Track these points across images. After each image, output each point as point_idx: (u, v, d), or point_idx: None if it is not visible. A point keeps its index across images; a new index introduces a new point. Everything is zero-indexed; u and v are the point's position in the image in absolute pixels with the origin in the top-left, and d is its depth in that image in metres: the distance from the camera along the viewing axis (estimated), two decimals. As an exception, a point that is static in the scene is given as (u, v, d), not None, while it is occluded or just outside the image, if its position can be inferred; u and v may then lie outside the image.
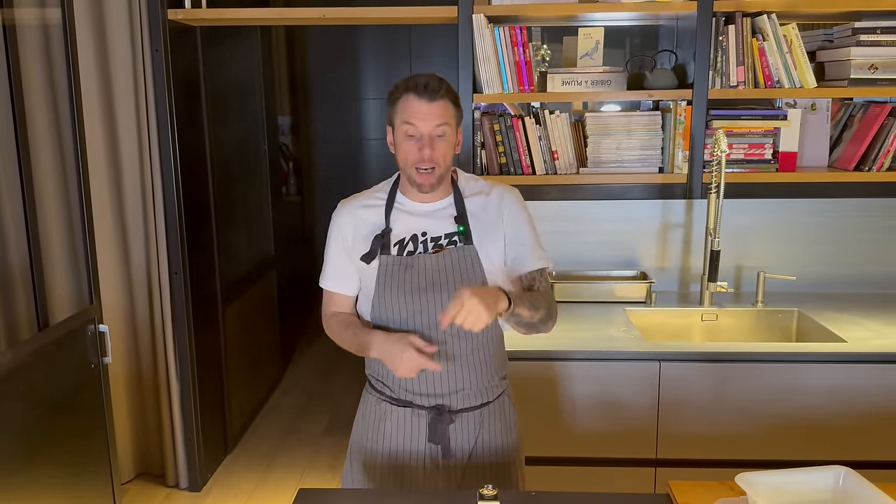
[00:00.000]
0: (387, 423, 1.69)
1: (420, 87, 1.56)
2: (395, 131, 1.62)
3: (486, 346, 1.68)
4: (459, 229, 1.65)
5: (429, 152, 1.56)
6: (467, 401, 1.66)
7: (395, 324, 1.64)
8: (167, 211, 2.94)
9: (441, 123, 1.57)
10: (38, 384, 2.02)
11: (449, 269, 1.62)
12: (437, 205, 1.68)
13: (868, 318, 2.40)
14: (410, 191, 1.67)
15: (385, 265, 1.63)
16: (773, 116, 2.61)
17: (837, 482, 1.31)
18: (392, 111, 1.62)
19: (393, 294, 1.62)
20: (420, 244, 1.64)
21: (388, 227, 1.65)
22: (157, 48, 2.80)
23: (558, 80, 2.61)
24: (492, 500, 1.22)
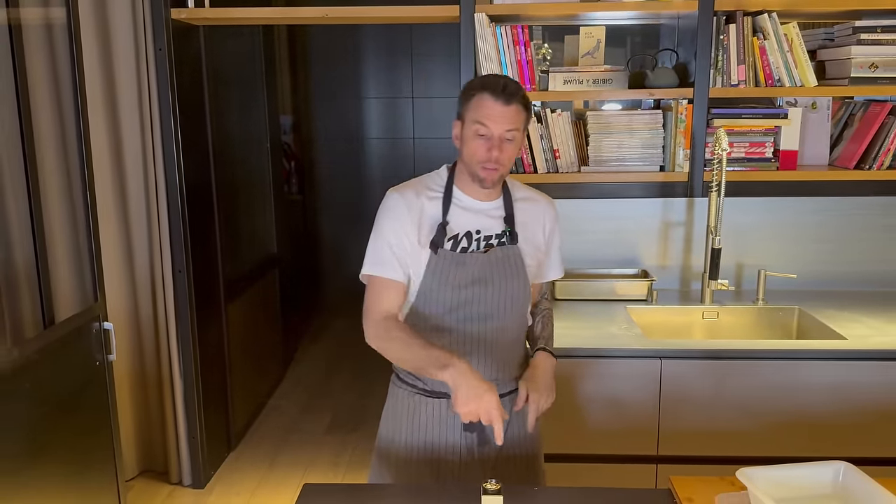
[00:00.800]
0: (421, 416, 1.71)
1: (497, 88, 1.58)
2: (464, 127, 1.64)
3: (518, 341, 1.77)
4: (507, 230, 1.70)
5: (497, 154, 1.59)
6: (500, 389, 1.67)
7: (435, 315, 1.67)
8: (170, 209, 2.95)
9: (512, 128, 1.59)
10: (44, 382, 2.03)
11: (495, 266, 1.66)
12: (491, 204, 1.71)
13: (868, 315, 2.41)
14: (468, 186, 1.69)
15: (438, 259, 1.65)
16: (774, 115, 2.62)
17: (837, 477, 1.32)
18: (464, 107, 1.63)
19: (440, 287, 1.65)
20: (474, 242, 1.68)
21: (446, 220, 1.67)
22: (161, 47, 2.81)
23: (560, 78, 2.62)
24: (495, 495, 1.23)
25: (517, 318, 1.74)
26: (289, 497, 3.11)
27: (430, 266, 1.65)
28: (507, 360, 1.73)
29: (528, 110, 1.65)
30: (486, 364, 1.69)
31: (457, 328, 1.68)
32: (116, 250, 3.00)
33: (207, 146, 3.24)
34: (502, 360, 1.71)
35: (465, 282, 1.65)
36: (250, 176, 3.92)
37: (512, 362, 1.75)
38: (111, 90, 2.89)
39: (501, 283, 1.67)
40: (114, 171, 2.96)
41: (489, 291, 1.67)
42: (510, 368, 1.74)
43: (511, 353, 1.74)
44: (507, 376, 1.73)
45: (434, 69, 5.82)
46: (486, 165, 1.61)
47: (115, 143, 2.94)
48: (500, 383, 1.70)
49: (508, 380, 1.73)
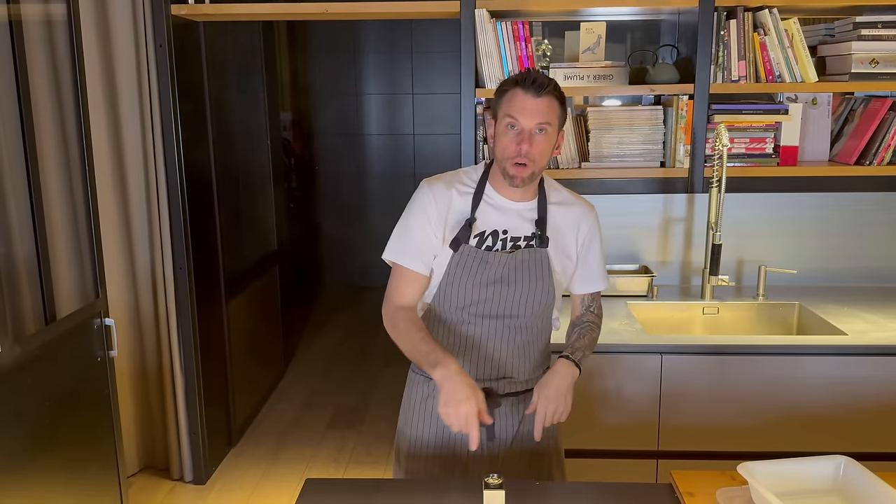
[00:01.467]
0: (434, 400, 1.69)
1: (528, 81, 1.56)
2: (496, 124, 1.62)
3: (536, 342, 1.73)
4: (537, 233, 1.66)
5: (526, 147, 1.55)
6: (513, 387, 1.71)
7: (455, 310, 1.67)
8: (171, 206, 2.95)
9: (543, 122, 1.55)
10: (45, 378, 2.03)
11: (519, 267, 1.64)
12: (524, 205, 1.68)
13: (868, 311, 2.42)
14: (500, 185, 1.66)
15: (461, 254, 1.64)
16: (775, 111, 2.62)
17: (838, 471, 1.33)
18: (497, 104, 1.62)
19: (461, 284, 1.64)
20: (500, 241, 1.65)
21: (473, 216, 1.65)
22: (161, 43, 2.81)
23: (560, 74, 2.62)
24: (497, 489, 1.24)
25: (537, 320, 1.71)
26: (290, 493, 3.12)
27: (452, 261, 1.64)
28: (520, 360, 1.71)
29: (563, 105, 1.61)
30: (501, 362, 1.69)
31: (472, 322, 1.67)
32: (117, 246, 3.01)
33: (208, 142, 3.24)
34: (515, 360, 1.70)
35: (487, 280, 1.64)
36: (251, 172, 3.92)
37: (526, 363, 1.72)
38: (111, 86, 2.89)
39: (523, 285, 1.65)
40: (114, 168, 2.96)
41: (510, 292, 1.65)
42: (524, 369, 1.72)
43: (525, 354, 1.72)
44: (520, 376, 1.72)
45: (434, 65, 5.82)
46: (517, 160, 1.57)
47: (116, 140, 2.94)
48: (511, 382, 1.70)
49: (522, 380, 1.73)
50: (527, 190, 1.66)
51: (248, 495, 3.11)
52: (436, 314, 1.71)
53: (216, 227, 3.34)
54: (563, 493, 1.42)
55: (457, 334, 1.69)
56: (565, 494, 1.41)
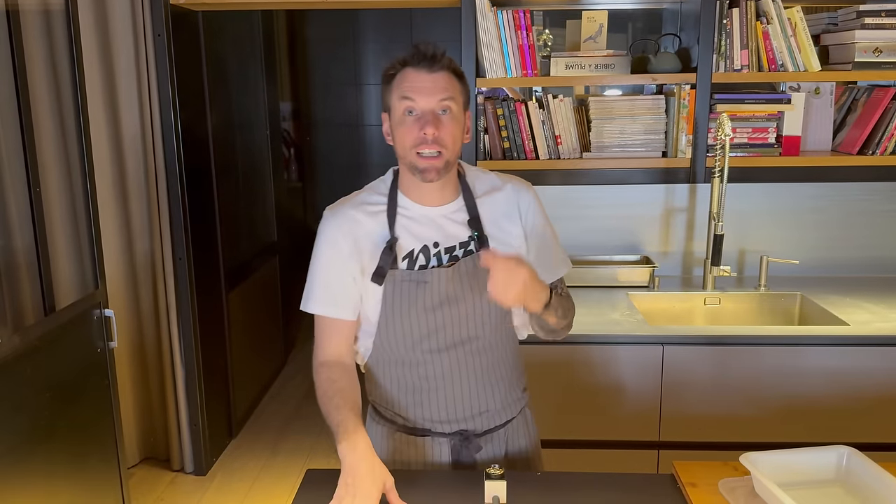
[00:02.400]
0: (403, 458, 1.52)
1: (417, 57, 1.36)
2: (391, 114, 1.41)
3: (505, 359, 1.52)
4: (474, 234, 1.44)
5: (432, 130, 1.33)
6: (492, 421, 1.51)
7: (405, 347, 1.44)
8: (170, 196, 2.94)
9: (445, 97, 1.35)
10: (45, 369, 2.03)
11: (464, 280, 1.41)
12: (447, 208, 1.45)
13: (870, 301, 2.41)
14: (414, 191, 1.44)
15: (393, 282, 1.40)
16: (777, 100, 2.61)
17: (842, 462, 1.32)
18: (387, 92, 1.41)
19: (404, 315, 1.41)
20: (433, 256, 1.43)
21: (393, 236, 1.42)
22: (160, 33, 2.79)
23: (562, 63, 2.60)
24: (498, 479, 1.23)
25: (498, 336, 1.49)
26: (291, 483, 3.12)
27: (385, 294, 1.41)
28: (492, 388, 1.49)
29: (463, 81, 1.41)
30: (470, 396, 1.47)
31: (428, 361, 1.45)
32: (117, 237, 3.00)
33: (207, 133, 3.23)
34: (486, 389, 1.49)
35: (431, 304, 1.40)
36: (250, 163, 3.91)
37: (499, 389, 1.51)
38: (110, 76, 2.87)
39: (473, 299, 1.42)
40: (113, 158, 2.95)
41: (460, 311, 1.42)
42: (499, 395, 1.51)
43: (496, 379, 1.50)
44: (496, 405, 1.51)
45: (435, 55, 5.79)
46: (422, 149, 1.35)
47: (115, 130, 2.93)
48: (488, 416, 1.50)
49: (499, 408, 1.52)
50: (445, 187, 1.44)
51: (249, 486, 3.11)
52: (383, 360, 1.49)
53: (216, 217, 3.33)
54: (565, 483, 1.42)
55: (413, 379, 1.47)
56: (567, 485, 1.41)
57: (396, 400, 1.51)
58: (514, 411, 1.56)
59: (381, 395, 1.54)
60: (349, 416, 1.35)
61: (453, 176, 1.46)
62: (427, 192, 1.45)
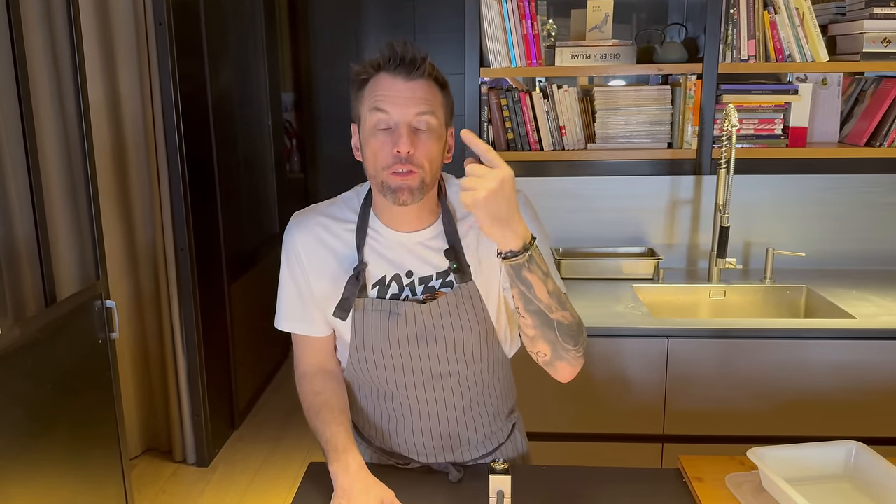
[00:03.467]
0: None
1: (394, 60, 1.17)
2: (361, 126, 1.22)
3: (489, 391, 1.40)
4: (453, 266, 1.27)
5: (406, 147, 1.15)
6: (476, 452, 1.44)
7: (377, 379, 1.34)
8: (172, 186, 2.93)
9: (423, 110, 1.17)
10: (46, 360, 2.02)
11: (444, 315, 1.28)
12: (423, 234, 1.29)
13: (877, 294, 2.39)
14: (385, 213, 1.28)
15: (362, 312, 1.28)
16: (784, 91, 2.58)
17: (850, 457, 1.30)
18: (357, 100, 1.22)
19: (375, 346, 1.29)
20: (406, 287, 1.29)
21: (362, 262, 1.28)
22: (161, 21, 2.77)
23: (567, 53, 2.58)
24: (503, 474, 1.22)
25: (486, 365, 1.37)
26: (293, 475, 3.11)
27: (355, 323, 1.29)
28: (474, 421, 1.40)
29: (445, 91, 1.23)
30: (450, 430, 1.38)
31: (404, 394, 1.34)
32: (118, 228, 2.98)
33: (209, 123, 3.21)
34: (467, 422, 1.39)
35: (406, 339, 1.28)
36: (252, 154, 3.89)
37: (482, 421, 1.41)
38: (111, 65, 2.85)
39: (454, 335, 1.28)
40: (115, 148, 2.93)
41: (439, 348, 1.29)
42: (483, 426, 1.42)
43: (479, 411, 1.40)
44: (479, 435, 1.42)
45: (437, 45, 5.75)
46: (396, 169, 1.17)
47: (116, 120, 2.91)
48: (470, 448, 1.43)
49: (484, 438, 1.44)
50: (422, 211, 1.27)
51: (251, 478, 3.11)
52: (356, 386, 1.41)
53: (217, 209, 3.32)
54: (570, 477, 1.40)
55: (387, 407, 1.37)
56: (572, 479, 1.40)
57: (372, 427, 1.43)
58: (501, 438, 1.48)
59: (360, 418, 1.45)
60: (338, 433, 1.28)
61: (432, 197, 1.28)
62: (400, 215, 1.28)
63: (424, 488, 1.36)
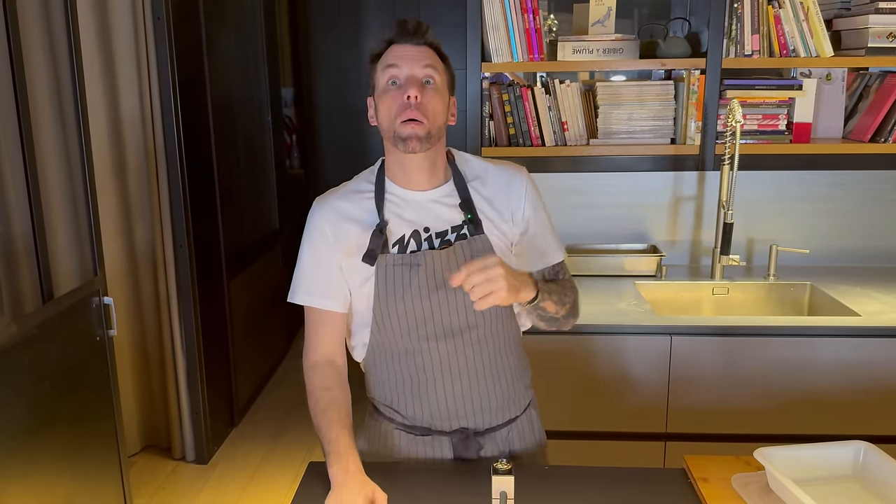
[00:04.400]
0: (407, 452, 1.49)
1: (401, 31, 1.37)
2: (376, 90, 1.39)
3: (508, 351, 1.47)
4: (467, 217, 1.40)
5: (415, 92, 1.31)
6: (493, 418, 1.48)
7: (400, 335, 1.41)
8: (171, 182, 2.91)
9: (428, 65, 1.35)
10: (43, 357, 2.00)
11: (460, 264, 1.34)
12: (437, 192, 1.42)
13: (882, 291, 2.37)
14: (400, 175, 1.41)
15: (384, 266, 1.37)
16: (788, 86, 2.56)
17: (858, 457, 1.29)
18: (373, 71, 1.40)
19: (397, 299, 1.38)
20: (424, 241, 1.40)
21: (383, 220, 1.39)
22: (159, 16, 2.75)
23: (569, 48, 2.56)
24: (506, 475, 1.20)
25: (498, 326, 1.44)
26: (293, 473, 3.10)
27: (378, 279, 1.37)
28: (495, 379, 1.45)
29: (446, 62, 1.41)
30: (470, 390, 1.43)
31: (425, 349, 1.40)
32: (116, 224, 2.96)
33: (208, 119, 3.19)
34: (490, 380, 1.45)
35: (427, 288, 1.37)
36: (251, 149, 3.87)
37: (501, 384, 1.46)
38: (109, 61, 2.83)
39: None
40: (113, 144, 2.91)
41: (456, 298, 1.37)
42: (500, 390, 1.46)
43: (496, 372, 1.45)
44: (497, 400, 1.46)
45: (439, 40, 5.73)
46: (404, 117, 1.32)
47: (115, 116, 2.89)
48: (490, 413, 1.46)
49: (501, 404, 1.47)
50: (433, 171, 1.41)
51: (251, 475, 3.10)
52: (378, 351, 1.46)
53: (216, 205, 3.30)
54: (574, 477, 1.39)
55: (409, 368, 1.43)
56: (576, 479, 1.38)
57: (395, 396, 1.47)
58: (518, 409, 1.52)
59: (380, 392, 1.50)
60: (342, 436, 1.34)
61: (442, 160, 1.43)
62: (415, 176, 1.41)
63: (427, 489, 1.35)
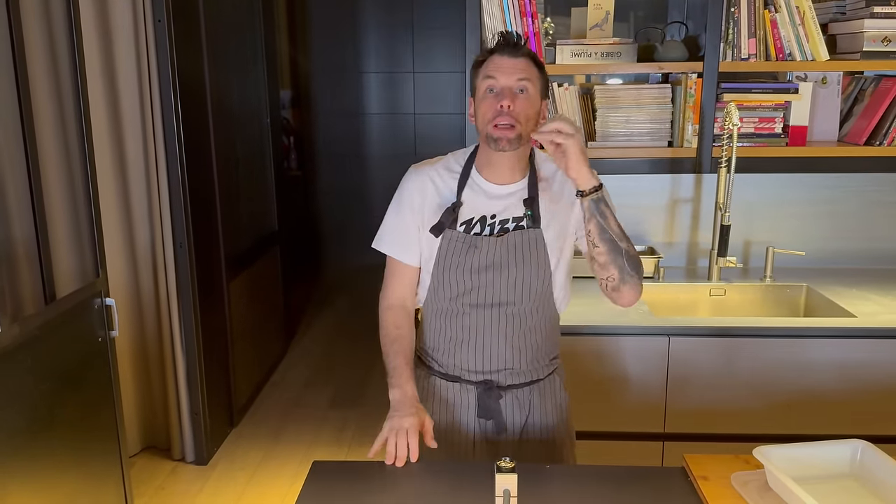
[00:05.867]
0: (435, 400, 1.68)
1: (502, 44, 1.52)
2: (476, 95, 1.56)
3: (538, 330, 1.65)
4: (528, 213, 1.58)
5: (507, 103, 1.47)
6: (516, 378, 1.66)
7: (448, 300, 1.62)
8: (171, 184, 2.92)
9: (522, 77, 1.49)
10: (45, 358, 2.01)
11: (511, 250, 1.57)
12: (512, 187, 1.60)
13: (877, 293, 2.40)
14: (486, 168, 1.60)
15: (449, 240, 1.59)
16: (784, 90, 2.58)
17: (856, 456, 1.31)
18: (475, 77, 1.56)
19: (451, 271, 1.59)
20: (487, 227, 1.59)
21: (459, 200, 1.60)
22: (160, 18, 2.76)
23: (567, 51, 2.58)
24: (509, 473, 1.22)
25: (536, 307, 1.63)
26: (293, 473, 3.11)
27: (441, 248, 1.59)
28: (520, 351, 1.64)
29: (540, 68, 1.55)
30: (497, 352, 1.63)
31: (467, 313, 1.62)
32: (117, 226, 2.97)
33: (207, 120, 3.20)
34: (514, 350, 1.64)
35: (477, 267, 1.58)
36: (250, 151, 3.88)
37: (527, 354, 1.65)
38: (110, 63, 2.84)
39: (517, 269, 1.58)
40: (113, 145, 2.92)
41: (503, 277, 1.58)
42: (525, 359, 1.65)
43: (525, 345, 1.65)
44: (521, 366, 1.65)
45: (436, 43, 5.75)
46: (498, 122, 1.49)
47: (115, 117, 2.90)
48: (512, 374, 1.65)
49: (524, 370, 1.66)
50: (515, 168, 1.59)
51: (250, 476, 3.10)
52: (431, 306, 1.67)
53: (216, 206, 3.30)
54: (576, 476, 1.40)
55: (451, 326, 1.64)
56: (578, 477, 1.40)
57: (435, 347, 1.68)
58: (541, 375, 1.69)
59: (424, 342, 1.72)
60: (404, 367, 1.58)
61: (524, 158, 1.60)
62: (498, 170, 1.59)
63: (431, 486, 1.36)
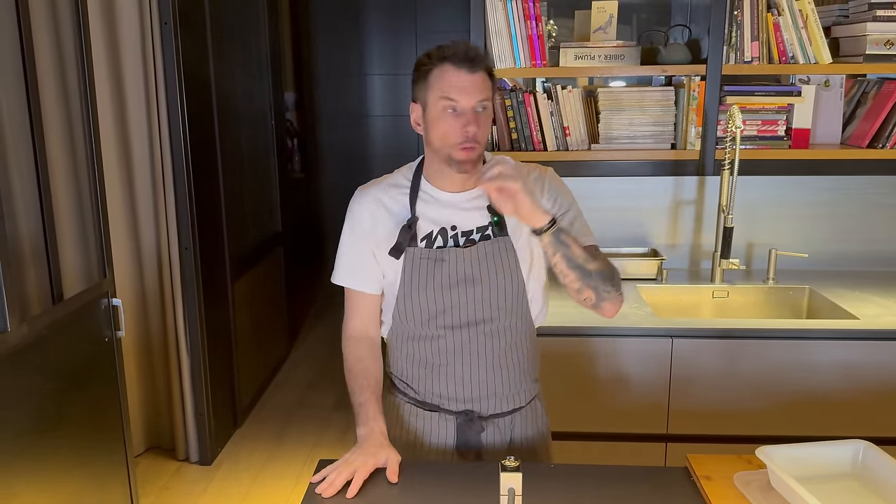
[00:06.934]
0: (411, 430, 1.59)
1: (459, 56, 1.39)
2: (426, 108, 1.44)
3: (519, 346, 1.56)
4: (493, 220, 1.49)
5: (473, 129, 1.39)
6: (498, 406, 1.56)
7: (420, 322, 1.52)
8: (176, 185, 2.93)
9: (483, 98, 1.41)
10: (52, 358, 2.02)
11: (482, 262, 1.48)
12: (469, 194, 1.51)
13: (880, 295, 2.40)
14: (437, 177, 1.51)
15: (412, 259, 1.48)
16: (787, 93, 2.59)
17: (857, 456, 1.32)
18: (423, 85, 1.44)
19: (420, 290, 1.49)
20: (450, 238, 1.50)
21: (414, 216, 1.49)
22: (166, 20, 2.78)
23: (571, 54, 2.59)
24: (514, 472, 1.23)
25: (514, 321, 1.54)
26: (296, 473, 3.12)
27: (405, 269, 1.49)
28: (502, 372, 1.54)
29: (494, 78, 1.46)
30: (479, 377, 1.53)
31: (442, 336, 1.51)
32: (123, 226, 2.99)
33: (213, 122, 3.21)
34: (496, 372, 1.54)
35: (448, 282, 1.48)
36: (255, 153, 3.89)
37: (509, 375, 1.55)
38: (116, 65, 2.86)
39: (489, 281, 1.48)
40: (120, 147, 2.93)
41: (475, 292, 1.48)
42: (508, 382, 1.55)
43: (507, 364, 1.54)
44: (505, 390, 1.55)
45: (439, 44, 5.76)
46: (465, 146, 1.40)
47: (121, 119, 2.91)
48: (496, 399, 1.55)
49: (508, 394, 1.56)
50: (469, 176, 1.48)
51: (254, 476, 3.12)
52: (400, 332, 1.57)
53: (221, 208, 3.32)
54: (581, 475, 1.41)
55: (426, 354, 1.54)
56: (582, 477, 1.41)
57: (410, 373, 1.59)
58: (523, 400, 1.60)
59: (398, 368, 1.62)
60: (370, 402, 1.48)
61: (478, 165, 1.50)
62: (449, 179, 1.50)
63: (436, 486, 1.37)
